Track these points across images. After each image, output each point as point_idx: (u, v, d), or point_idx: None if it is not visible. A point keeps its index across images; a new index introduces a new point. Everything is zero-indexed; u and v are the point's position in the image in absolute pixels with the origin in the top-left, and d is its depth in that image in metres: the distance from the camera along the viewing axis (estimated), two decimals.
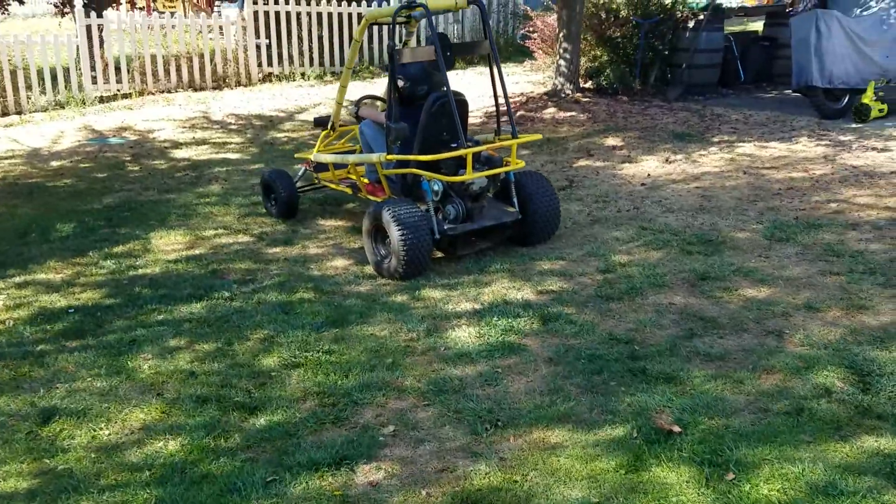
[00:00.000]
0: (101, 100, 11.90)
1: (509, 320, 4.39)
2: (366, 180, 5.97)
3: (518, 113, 10.36)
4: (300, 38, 13.82)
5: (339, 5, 13.93)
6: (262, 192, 6.57)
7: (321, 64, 14.06)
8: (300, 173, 6.64)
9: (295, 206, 6.44)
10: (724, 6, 11.69)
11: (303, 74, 13.87)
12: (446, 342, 4.21)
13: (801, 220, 5.74)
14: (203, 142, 9.77)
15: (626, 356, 3.93)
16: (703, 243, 5.43)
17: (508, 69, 13.84)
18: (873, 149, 7.66)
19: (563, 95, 10.76)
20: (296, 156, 6.90)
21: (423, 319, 4.49)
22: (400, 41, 6.04)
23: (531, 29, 12.43)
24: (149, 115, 11.04)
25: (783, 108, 9.91)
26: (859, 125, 8.81)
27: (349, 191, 6.15)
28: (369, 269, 5.29)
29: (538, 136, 5.91)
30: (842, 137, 8.22)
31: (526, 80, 12.79)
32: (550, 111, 10.36)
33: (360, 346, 4.19)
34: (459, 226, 5.19)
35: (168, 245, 5.94)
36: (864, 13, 9.62)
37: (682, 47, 11.30)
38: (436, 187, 5.17)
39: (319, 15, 13.85)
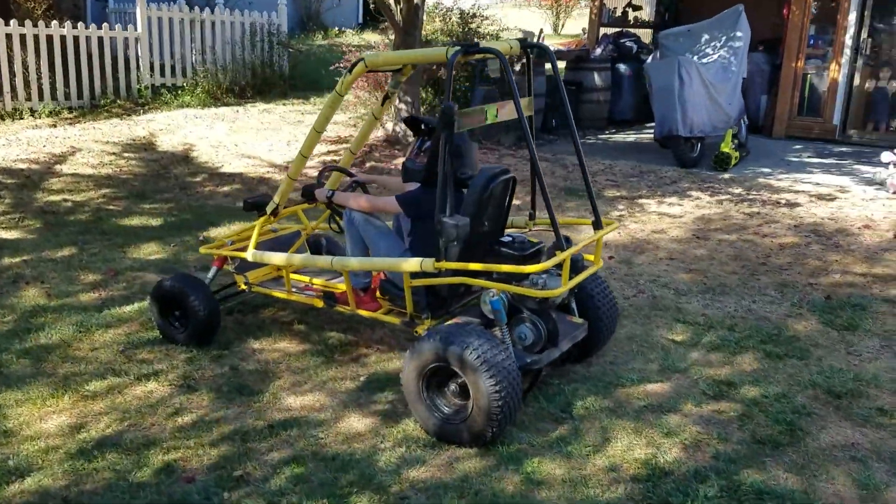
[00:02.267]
0: None
1: None
2: (339, 287, 4.20)
3: (368, 164, 8.84)
4: (25, 67, 10.80)
5: (75, 27, 11.15)
6: (157, 309, 4.37)
7: (54, 97, 11.14)
8: (210, 275, 4.57)
9: (216, 326, 4.38)
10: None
11: (31, 111, 10.86)
12: None
13: (835, 300, 5.12)
14: None
15: None
16: (773, 341, 4.53)
17: (299, 108, 12.17)
18: (777, 203, 7.49)
19: (406, 142, 9.44)
20: (203, 249, 4.73)
21: None
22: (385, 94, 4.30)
23: (343, 65, 10.88)
24: None
25: (634, 157, 9.61)
26: (723, 174, 8.73)
27: (318, 302, 4.27)
28: (411, 428, 3.57)
29: (615, 225, 4.48)
30: (732, 189, 7.99)
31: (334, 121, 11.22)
32: (401, 160, 8.97)
33: None
34: (544, 355, 3.70)
35: (42, 419, 3.58)
36: (703, 60, 9.65)
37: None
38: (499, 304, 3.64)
39: (50, 38, 10.96)
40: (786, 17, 11.32)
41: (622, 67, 12.45)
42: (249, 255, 4.26)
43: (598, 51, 12.42)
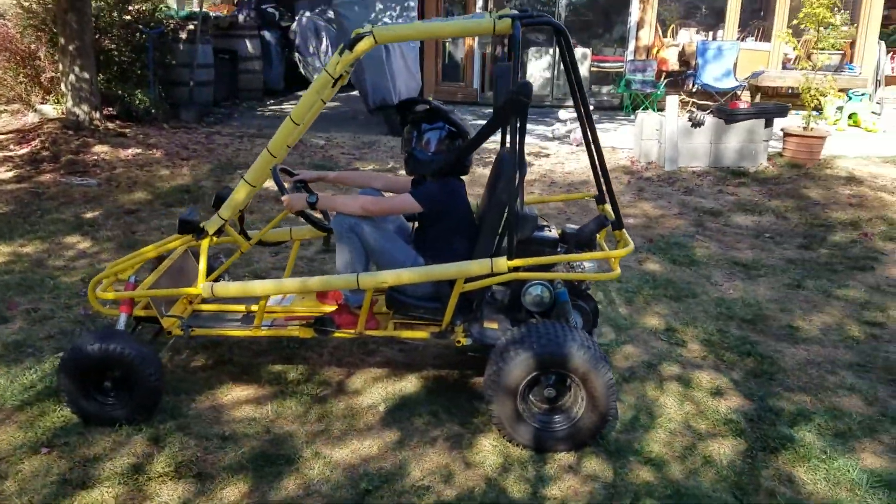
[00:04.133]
0: None
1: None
2: (295, 310, 3.53)
3: (63, 158, 7.18)
4: None
5: None
6: (73, 384, 3.11)
7: None
8: (122, 326, 3.38)
9: (163, 389, 3.31)
10: (212, 15, 10.20)
11: None
12: None
13: (658, 241, 5.86)
14: None
15: None
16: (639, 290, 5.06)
17: None
18: None
19: (92, 126, 7.88)
20: (106, 294, 3.31)
21: None
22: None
23: None
24: None
25: (338, 128, 9.45)
26: None
27: (306, 332, 3.46)
28: (498, 448, 3.22)
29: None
30: None
31: None
32: (101, 149, 7.49)
33: None
34: (593, 336, 3.62)
35: None
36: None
37: (182, 62, 9.53)
38: (547, 293, 3.47)
39: None
40: None
41: (268, 35, 12.01)
42: (206, 289, 3.28)
43: (241, 17, 11.74)
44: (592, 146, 3.54)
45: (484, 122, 3.39)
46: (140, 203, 6.22)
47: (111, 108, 8.48)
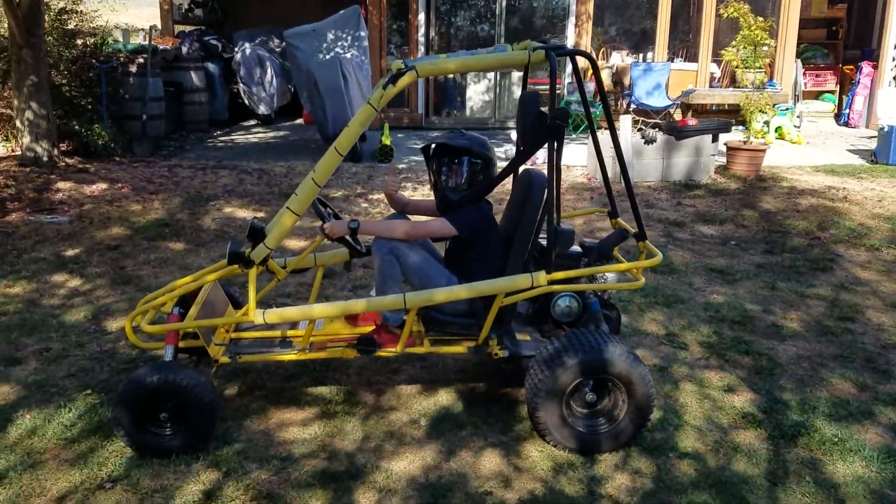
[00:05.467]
0: None
1: None
2: (361, 329, 3.63)
3: (32, 195, 7.03)
4: None
5: None
6: (130, 417, 3.12)
7: None
8: (168, 357, 3.40)
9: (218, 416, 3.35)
10: (159, 48, 10.09)
11: None
12: None
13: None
14: None
15: None
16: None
17: None
18: None
19: (52, 163, 7.73)
20: (153, 328, 3.32)
21: None
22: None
23: None
24: None
25: (296, 157, 9.51)
26: (394, 164, 9.30)
27: (350, 353, 3.55)
28: (544, 452, 3.39)
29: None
30: None
31: None
32: (65, 186, 7.35)
33: None
34: None
35: None
36: (328, 57, 9.81)
37: (134, 96, 9.42)
38: (575, 304, 3.67)
39: None
40: (364, 17, 12.21)
41: (211, 66, 11.98)
42: (259, 315, 3.35)
43: (185, 49, 11.67)
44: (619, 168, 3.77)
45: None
46: (120, 238, 6.15)
47: (65, 144, 8.32)
